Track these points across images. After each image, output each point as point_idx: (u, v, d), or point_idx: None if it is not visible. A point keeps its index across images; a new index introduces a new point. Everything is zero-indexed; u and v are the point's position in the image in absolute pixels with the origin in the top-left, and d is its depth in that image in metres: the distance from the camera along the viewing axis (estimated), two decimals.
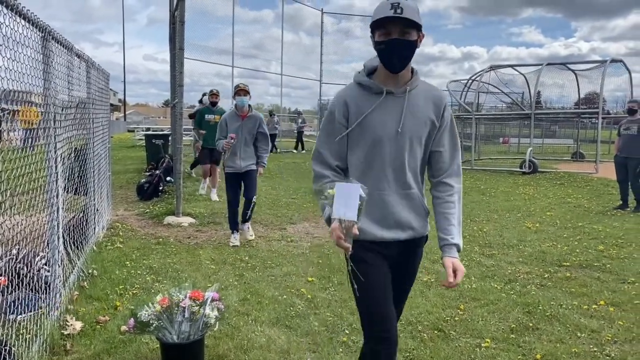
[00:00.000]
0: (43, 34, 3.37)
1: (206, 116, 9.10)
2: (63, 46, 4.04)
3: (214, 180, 9.35)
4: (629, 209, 8.69)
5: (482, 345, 3.41)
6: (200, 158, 9.60)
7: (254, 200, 6.14)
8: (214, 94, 9.32)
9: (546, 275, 4.98)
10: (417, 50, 2.04)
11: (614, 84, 18.89)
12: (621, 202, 8.88)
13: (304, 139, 24.34)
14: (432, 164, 2.22)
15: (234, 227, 6.12)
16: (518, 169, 15.34)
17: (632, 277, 4.94)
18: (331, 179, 2.07)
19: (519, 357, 3.26)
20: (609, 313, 4.01)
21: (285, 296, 4.29)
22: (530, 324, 3.77)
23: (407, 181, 2.12)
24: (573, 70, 19.22)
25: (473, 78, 18.90)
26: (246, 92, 5.94)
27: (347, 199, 1.87)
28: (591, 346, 3.42)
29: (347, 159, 2.16)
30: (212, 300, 3.01)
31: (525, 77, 19.47)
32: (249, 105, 6.04)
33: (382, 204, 2.11)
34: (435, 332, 3.62)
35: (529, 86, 19.25)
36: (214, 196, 9.08)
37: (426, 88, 2.16)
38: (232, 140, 5.76)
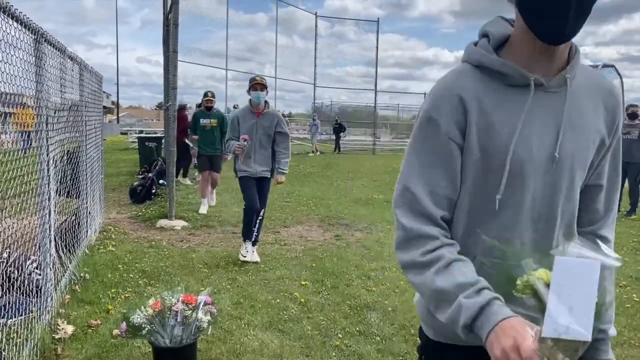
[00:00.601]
0: (36, 37, 3.36)
1: (201, 121, 8.42)
2: (56, 48, 4.03)
3: (204, 189, 8.38)
4: (619, 214, 8.71)
5: None
6: (199, 165, 8.85)
7: (262, 213, 5.45)
8: (208, 99, 8.57)
9: None
10: (410, 54, 1.59)
11: None
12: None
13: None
14: (584, 206, 1.32)
15: (249, 235, 5.39)
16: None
17: (624, 280, 4.97)
18: (442, 244, 1.17)
19: None
20: None
21: (278, 300, 4.28)
22: None
23: (556, 242, 1.24)
24: None
25: None
26: (263, 87, 5.26)
27: (574, 296, 0.89)
28: None
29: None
30: (205, 304, 3.00)
31: None
32: (266, 102, 5.38)
33: None
34: None
35: None
36: (203, 208, 8.15)
37: (589, 76, 1.26)
38: (245, 143, 5.12)
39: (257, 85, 5.24)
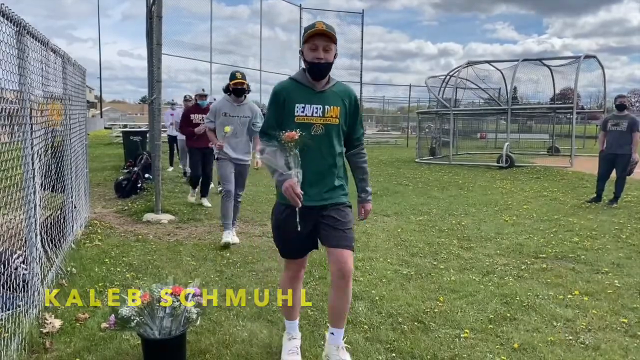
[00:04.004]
0: (18, 29, 3.32)
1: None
2: (38, 41, 3.98)
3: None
4: (601, 202, 8.82)
5: (462, 335, 3.47)
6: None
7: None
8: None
9: (523, 267, 5.08)
10: (393, 46, 2.13)
11: (587, 80, 19.25)
12: (595, 196, 8.95)
13: None
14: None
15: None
16: (495, 164, 15.56)
17: (606, 267, 5.07)
18: None
19: (497, 346, 3.33)
20: (584, 302, 4.11)
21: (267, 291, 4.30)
22: (508, 315, 3.85)
23: None
24: (548, 66, 19.55)
25: (451, 74, 19.09)
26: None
27: None
28: (566, 335, 3.51)
29: None
30: (194, 295, 3.01)
31: (502, 72, 19.74)
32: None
33: None
34: (416, 323, 3.67)
35: (505, 82, 19.52)
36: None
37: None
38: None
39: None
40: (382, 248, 5.72)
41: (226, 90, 5.86)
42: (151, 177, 9.31)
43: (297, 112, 2.80)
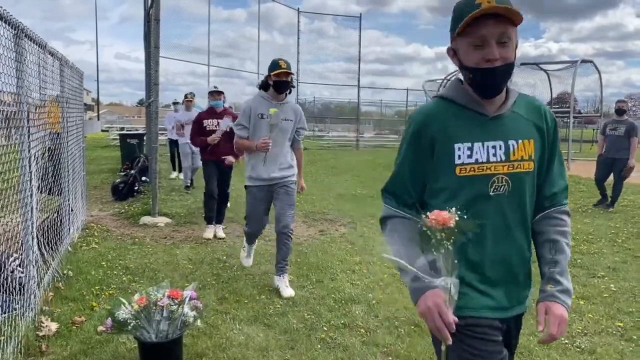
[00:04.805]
0: (16, 32, 3.32)
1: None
2: (36, 44, 3.99)
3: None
4: (607, 202, 8.75)
5: None
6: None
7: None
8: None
9: None
10: (390, 50, 1.74)
11: (584, 84, 19.35)
12: (601, 198, 8.86)
13: None
14: None
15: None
16: None
17: (602, 271, 5.09)
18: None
19: None
20: (580, 306, 4.12)
21: (263, 295, 4.30)
22: None
23: None
24: (545, 70, 19.64)
25: (448, 78, 19.15)
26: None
27: None
28: (562, 338, 3.52)
29: None
30: (191, 299, 3.01)
31: None
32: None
33: None
34: (412, 327, 3.68)
35: None
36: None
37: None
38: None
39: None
40: (378, 251, 5.71)
41: (264, 85, 4.36)
42: (148, 180, 9.30)
43: (457, 158, 1.57)
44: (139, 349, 2.95)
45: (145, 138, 12.51)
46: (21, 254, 3.65)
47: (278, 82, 4.21)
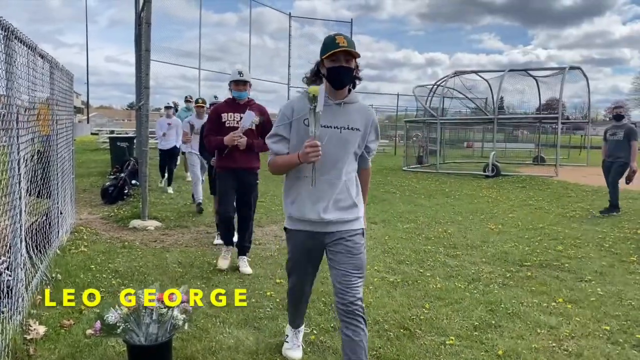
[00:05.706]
0: (6, 33, 3.31)
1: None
2: (26, 46, 3.97)
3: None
4: (617, 212, 8.70)
5: (447, 342, 3.50)
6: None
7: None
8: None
9: (508, 275, 5.13)
10: (381, 55, 2.04)
11: (572, 90, 19.58)
12: (609, 207, 8.81)
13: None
14: None
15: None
16: (481, 173, 15.69)
17: (589, 275, 5.14)
18: None
19: (482, 353, 3.36)
20: (567, 310, 4.16)
21: (253, 299, 4.30)
22: (493, 322, 3.88)
23: None
24: (534, 77, 19.82)
25: (438, 83, 19.26)
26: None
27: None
28: (550, 342, 3.55)
29: None
30: (181, 302, 3.01)
31: (488, 82, 19.96)
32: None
33: None
34: (402, 330, 3.70)
35: (492, 92, 19.73)
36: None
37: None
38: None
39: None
40: (369, 255, 5.73)
41: (314, 76, 2.82)
42: (138, 183, 9.26)
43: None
44: (128, 352, 2.93)
45: (135, 141, 12.46)
46: (9, 257, 3.62)
47: (334, 69, 2.63)
